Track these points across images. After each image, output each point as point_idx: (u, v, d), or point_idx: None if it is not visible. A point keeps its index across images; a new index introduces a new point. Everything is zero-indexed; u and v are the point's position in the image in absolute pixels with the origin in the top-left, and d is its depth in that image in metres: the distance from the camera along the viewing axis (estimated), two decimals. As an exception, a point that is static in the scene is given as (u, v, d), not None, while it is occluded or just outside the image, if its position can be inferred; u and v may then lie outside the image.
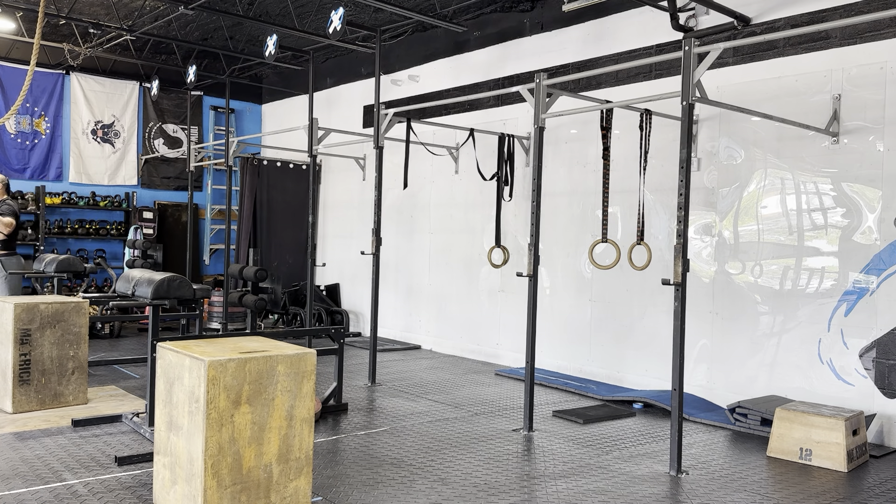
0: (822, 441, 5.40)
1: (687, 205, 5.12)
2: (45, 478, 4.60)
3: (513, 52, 9.39)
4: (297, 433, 4.01)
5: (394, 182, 10.48)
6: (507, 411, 6.80)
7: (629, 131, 7.59)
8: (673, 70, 7.51)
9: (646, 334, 7.74)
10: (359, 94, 11.93)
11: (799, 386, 6.52)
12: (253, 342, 4.34)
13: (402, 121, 8.03)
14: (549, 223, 8.51)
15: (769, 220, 6.82)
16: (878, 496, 4.81)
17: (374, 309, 7.91)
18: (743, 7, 6.98)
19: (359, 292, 11.89)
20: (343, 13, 7.85)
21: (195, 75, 10.87)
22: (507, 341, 9.26)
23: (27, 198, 12.07)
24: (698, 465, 5.35)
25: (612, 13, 8.20)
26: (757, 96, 6.87)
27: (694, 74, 5.11)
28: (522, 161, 9.00)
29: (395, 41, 10.84)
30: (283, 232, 12.39)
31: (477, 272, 9.76)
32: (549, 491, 4.68)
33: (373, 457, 5.28)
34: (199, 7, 8.83)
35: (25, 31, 11.09)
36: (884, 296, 6.04)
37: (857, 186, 6.25)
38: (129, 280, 5.97)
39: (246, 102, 14.68)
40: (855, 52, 6.29)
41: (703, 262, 7.29)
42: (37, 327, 6.24)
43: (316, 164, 11.18)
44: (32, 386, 6.24)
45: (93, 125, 12.95)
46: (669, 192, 7.45)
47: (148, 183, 13.64)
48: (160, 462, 4.12)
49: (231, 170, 10.83)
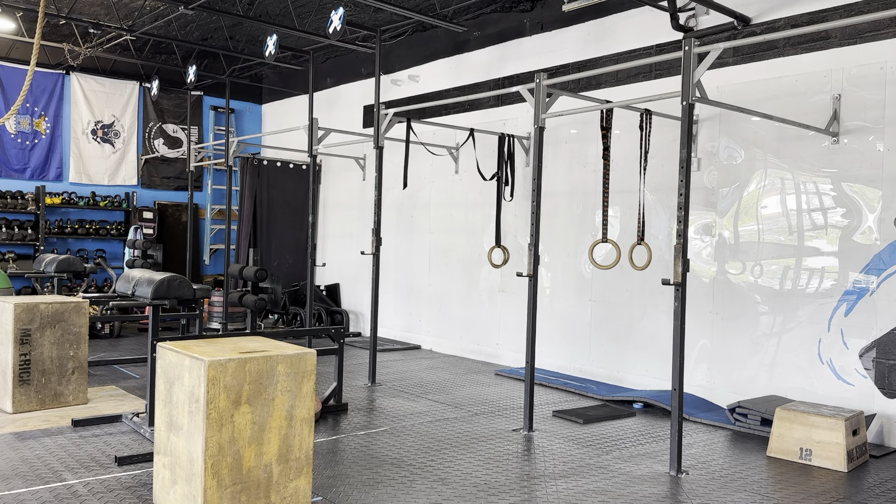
0: (822, 441, 5.40)
1: (687, 205, 5.12)
2: (45, 478, 4.60)
3: (513, 52, 9.39)
4: (297, 433, 4.01)
5: (394, 182, 10.48)
6: (507, 411, 6.80)
7: (629, 131, 7.60)
8: (673, 70, 7.51)
9: (646, 334, 7.74)
10: (359, 94, 11.93)
11: (799, 386, 6.52)
12: (253, 342, 4.34)
13: (402, 121, 8.03)
14: (549, 223, 8.51)
15: (769, 220, 6.82)
16: (878, 496, 4.81)
17: (374, 309, 7.91)
18: (743, 7, 6.98)
19: (359, 292, 11.89)
20: (343, 13, 7.85)
21: (195, 75, 10.87)
22: (507, 341, 9.26)
23: (27, 198, 12.07)
24: (698, 465, 5.35)
25: (612, 13, 8.20)
26: (757, 96, 6.87)
27: (694, 74, 5.11)
28: (522, 161, 9.00)
29: (395, 41, 10.84)
30: (283, 232, 12.40)
31: (477, 272, 9.76)
32: (549, 491, 4.68)
33: (373, 457, 5.28)
34: (199, 7, 8.83)
35: (25, 31, 11.09)
36: (884, 296, 6.04)
37: (857, 186, 6.25)
38: (129, 280, 5.97)
39: (246, 102, 14.68)
40: (855, 52, 6.29)
41: (703, 262, 7.29)
42: (37, 327, 6.24)
43: (316, 164, 11.18)
44: (32, 386, 6.24)
45: (93, 125, 12.95)
46: (669, 192, 7.45)
47: (148, 183, 13.64)
48: (160, 462, 4.12)
49: (231, 170, 10.83)
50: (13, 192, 11.99)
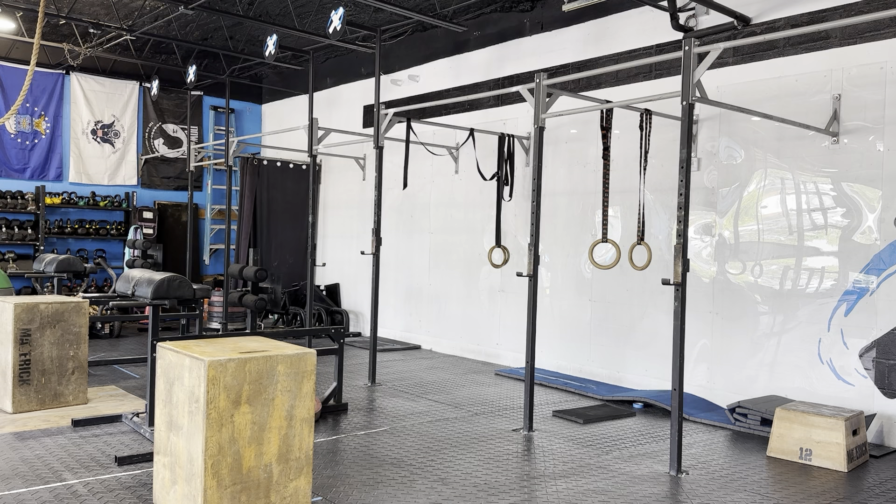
0: (822, 441, 5.40)
1: (687, 205, 5.12)
2: (45, 478, 4.60)
3: (513, 52, 9.39)
4: (297, 433, 4.01)
5: (394, 182, 10.49)
6: (507, 411, 6.80)
7: (629, 131, 7.60)
8: (673, 70, 7.51)
9: (646, 334, 7.74)
10: (359, 94, 11.93)
11: (799, 386, 6.52)
12: (253, 342, 4.34)
13: (402, 121, 8.03)
14: (549, 223, 8.51)
15: (769, 220, 6.82)
16: (878, 496, 4.81)
17: (374, 309, 7.91)
18: (743, 7, 6.98)
19: (359, 292, 11.89)
20: (343, 13, 7.85)
21: (195, 75, 10.87)
22: (507, 341, 9.26)
23: (27, 198, 12.07)
24: (698, 465, 5.35)
25: (612, 13, 8.20)
26: (757, 96, 6.87)
27: (694, 74, 5.11)
28: (522, 161, 9.00)
29: (395, 41, 10.84)
30: (283, 232, 12.40)
31: (477, 272, 9.76)
32: (549, 491, 4.68)
33: (373, 457, 5.28)
34: (199, 7, 8.83)
35: (25, 31, 11.09)
36: (884, 296, 6.04)
37: (857, 186, 6.25)
38: (129, 280, 5.97)
39: (246, 102, 14.68)
40: (855, 52, 6.29)
41: (703, 262, 7.29)
42: (37, 327, 6.24)
43: (316, 164, 11.18)
44: (32, 386, 6.24)
45: (93, 125, 12.95)
46: (669, 192, 7.45)
47: (148, 183, 13.64)
48: (160, 462, 4.12)
49: (231, 170, 10.83)
50: (13, 192, 11.99)
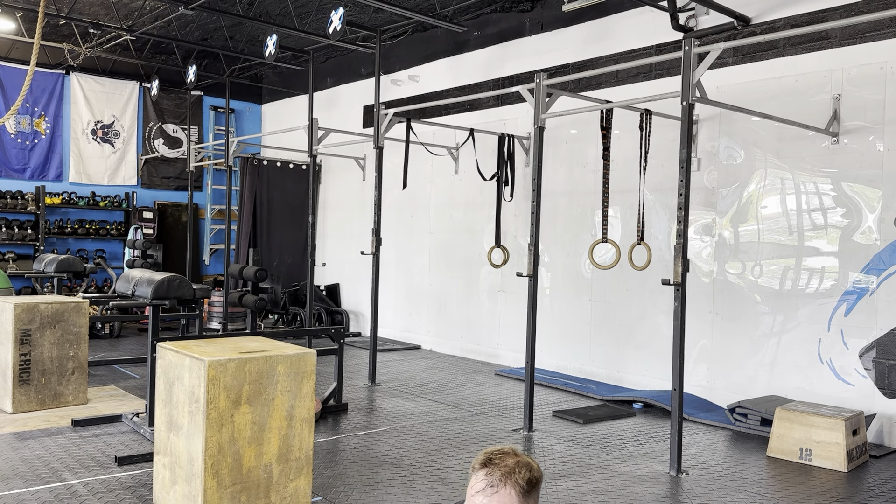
0: (822, 441, 5.40)
1: (687, 205, 5.12)
2: (45, 478, 4.60)
3: (513, 52, 9.39)
4: (297, 433, 4.01)
5: (394, 182, 10.47)
6: (507, 411, 6.80)
7: (629, 131, 7.59)
8: (673, 70, 7.51)
9: (646, 334, 7.74)
10: (359, 94, 11.93)
11: (799, 386, 6.52)
12: (253, 342, 4.34)
13: (402, 121, 8.03)
14: (549, 223, 8.51)
15: (769, 220, 6.82)
16: (878, 496, 4.81)
17: (374, 309, 7.91)
18: (743, 7, 6.98)
19: (359, 292, 11.89)
20: (343, 13, 7.85)
21: (195, 75, 10.87)
22: (507, 341, 9.26)
23: (27, 198, 12.07)
24: (698, 465, 5.35)
25: (612, 13, 8.20)
26: (757, 96, 6.87)
27: (694, 74, 5.11)
28: (522, 161, 9.00)
29: (395, 41, 10.84)
30: (283, 232, 12.40)
31: (477, 272, 9.76)
32: (549, 491, 4.68)
33: (373, 457, 5.28)
34: (199, 7, 8.83)
35: (25, 31, 11.09)
36: (884, 296, 6.04)
37: (857, 186, 6.25)
38: (129, 280, 5.97)
39: (246, 102, 14.68)
40: (855, 52, 6.29)
41: (703, 262, 7.29)
42: (37, 327, 6.24)
43: (316, 164, 11.18)
44: (32, 386, 6.24)
45: (93, 125, 12.95)
46: (669, 192, 7.44)
47: (148, 183, 13.64)
48: (160, 462, 4.12)
49: (231, 170, 10.83)
50: (13, 192, 11.99)
